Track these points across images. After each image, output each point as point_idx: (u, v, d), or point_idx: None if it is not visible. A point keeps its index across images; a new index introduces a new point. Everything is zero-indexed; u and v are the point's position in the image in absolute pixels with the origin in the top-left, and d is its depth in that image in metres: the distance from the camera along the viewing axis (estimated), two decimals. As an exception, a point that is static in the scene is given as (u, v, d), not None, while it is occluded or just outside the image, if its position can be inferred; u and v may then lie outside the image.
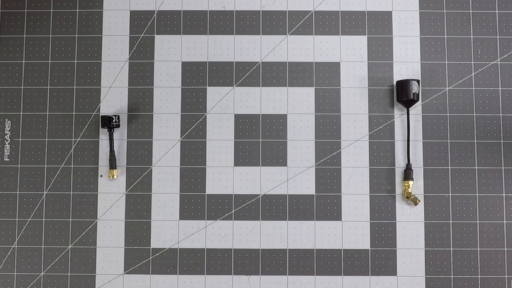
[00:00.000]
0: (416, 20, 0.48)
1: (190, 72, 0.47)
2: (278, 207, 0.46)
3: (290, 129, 0.47)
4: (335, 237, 0.45)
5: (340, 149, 0.46)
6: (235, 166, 0.46)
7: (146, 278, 0.45)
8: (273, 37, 0.48)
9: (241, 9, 0.48)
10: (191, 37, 0.48)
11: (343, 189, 0.46)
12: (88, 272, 0.45)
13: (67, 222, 0.46)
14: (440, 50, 0.47)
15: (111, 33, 0.48)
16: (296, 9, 0.48)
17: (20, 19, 0.48)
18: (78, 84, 0.47)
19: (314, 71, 0.47)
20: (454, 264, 0.44)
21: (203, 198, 0.46)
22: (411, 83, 0.45)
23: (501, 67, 0.47)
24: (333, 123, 0.47)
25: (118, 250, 0.45)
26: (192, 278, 0.45)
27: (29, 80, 0.47)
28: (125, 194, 0.46)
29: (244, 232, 0.46)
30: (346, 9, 0.48)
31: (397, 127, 0.46)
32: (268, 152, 0.46)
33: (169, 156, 0.46)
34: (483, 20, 0.47)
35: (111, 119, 0.45)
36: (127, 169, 0.46)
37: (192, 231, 0.46)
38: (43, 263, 0.45)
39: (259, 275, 0.45)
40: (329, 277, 0.45)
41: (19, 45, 0.47)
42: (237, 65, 0.47)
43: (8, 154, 0.46)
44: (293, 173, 0.46)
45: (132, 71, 0.47)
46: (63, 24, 0.48)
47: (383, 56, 0.47)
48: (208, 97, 0.47)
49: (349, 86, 0.47)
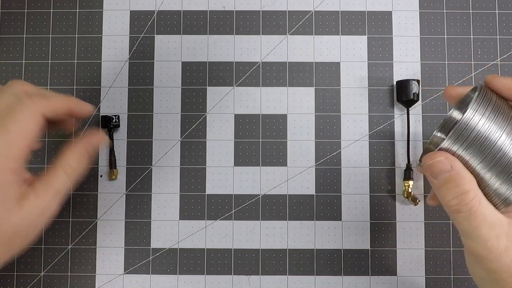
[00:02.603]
0: (416, 20, 0.48)
1: (190, 72, 0.47)
2: (278, 207, 0.46)
3: (290, 129, 0.47)
4: (335, 237, 0.45)
5: (340, 149, 0.46)
6: (235, 166, 0.46)
7: (146, 278, 0.45)
8: (273, 37, 0.48)
9: (241, 9, 0.48)
10: (191, 37, 0.48)
11: (343, 189, 0.46)
12: (88, 272, 0.45)
13: (67, 222, 0.46)
14: (440, 50, 0.47)
15: (111, 33, 0.48)
16: (296, 9, 0.48)
17: (20, 19, 0.48)
18: (78, 84, 0.47)
19: (314, 71, 0.47)
20: (454, 264, 0.44)
21: (203, 198, 0.46)
22: (411, 83, 0.45)
23: (501, 67, 0.47)
24: (333, 123, 0.47)
25: (118, 250, 0.45)
26: (192, 278, 0.45)
27: (29, 80, 0.47)
28: (125, 194, 0.46)
29: (244, 232, 0.46)
30: (346, 9, 0.48)
31: (397, 127, 0.46)
32: (268, 152, 0.46)
33: (169, 156, 0.46)
34: (483, 20, 0.47)
35: (111, 119, 0.45)
36: (127, 169, 0.46)
37: (192, 231, 0.46)
38: (43, 263, 0.45)
39: (259, 275, 0.45)
40: (329, 277, 0.45)
41: (19, 45, 0.47)
42: (237, 65, 0.47)
43: (8, 154, 0.46)
44: (293, 173, 0.46)
45: (132, 71, 0.47)
46: (63, 24, 0.48)
47: (383, 56, 0.47)
48: (208, 97, 0.47)
49: (349, 86, 0.47)
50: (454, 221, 0.29)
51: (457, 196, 0.28)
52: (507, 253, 0.27)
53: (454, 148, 0.28)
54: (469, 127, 0.28)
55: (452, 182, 0.28)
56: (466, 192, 0.28)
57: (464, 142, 0.28)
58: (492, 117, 0.28)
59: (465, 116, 0.27)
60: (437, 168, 0.28)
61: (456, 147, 0.28)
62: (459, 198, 0.28)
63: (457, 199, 0.28)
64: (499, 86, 0.29)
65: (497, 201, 0.29)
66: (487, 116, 0.27)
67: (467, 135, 0.28)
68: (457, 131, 0.28)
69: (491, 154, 0.28)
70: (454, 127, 0.28)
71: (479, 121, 0.27)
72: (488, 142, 0.28)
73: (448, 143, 0.28)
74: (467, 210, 0.28)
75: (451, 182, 0.28)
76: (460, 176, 0.28)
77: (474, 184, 0.28)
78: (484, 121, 0.28)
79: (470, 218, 0.28)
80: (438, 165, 0.28)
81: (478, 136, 0.28)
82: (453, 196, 0.28)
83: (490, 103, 0.28)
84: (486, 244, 0.28)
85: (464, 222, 0.28)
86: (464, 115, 0.27)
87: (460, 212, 0.28)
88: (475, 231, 0.28)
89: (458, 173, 0.28)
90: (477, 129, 0.28)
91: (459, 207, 0.28)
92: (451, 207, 0.29)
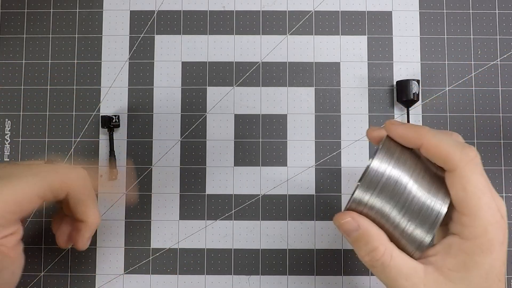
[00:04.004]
0: (416, 20, 0.48)
1: (190, 72, 0.47)
2: (278, 207, 0.46)
3: (290, 129, 0.47)
4: (335, 237, 0.45)
5: (340, 149, 0.46)
6: (235, 166, 0.46)
7: (146, 278, 0.45)
8: (273, 37, 0.48)
9: (241, 9, 0.48)
10: (191, 37, 0.48)
11: (343, 189, 0.46)
12: (88, 272, 0.45)
13: (67, 222, 0.46)
14: (440, 50, 0.47)
15: (111, 33, 0.48)
16: (296, 9, 0.48)
17: (20, 19, 0.48)
18: (78, 84, 0.47)
19: (314, 71, 0.47)
20: (454, 264, 0.44)
21: (203, 198, 0.46)
22: (411, 83, 0.45)
23: (501, 67, 0.47)
24: (333, 123, 0.47)
25: (118, 250, 0.45)
26: (192, 278, 0.45)
27: (29, 80, 0.47)
28: (125, 194, 0.46)
29: (244, 232, 0.46)
30: (346, 9, 0.48)
31: (397, 127, 0.46)
32: (268, 152, 0.46)
33: (169, 156, 0.46)
34: (483, 20, 0.47)
35: (111, 119, 0.45)
36: (127, 169, 0.46)
37: (192, 231, 0.46)
38: (43, 263, 0.45)
39: (259, 275, 0.45)
40: (329, 277, 0.45)
41: (19, 45, 0.47)
42: (237, 65, 0.47)
43: (8, 154, 0.46)
44: (293, 173, 0.46)
45: (132, 71, 0.47)
46: (63, 24, 0.48)
47: (383, 56, 0.47)
48: (208, 97, 0.47)
49: (349, 86, 0.47)
50: (374, 274, 0.30)
51: (367, 253, 0.29)
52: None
53: (366, 196, 0.29)
54: (376, 176, 0.28)
55: (361, 240, 0.29)
56: (375, 248, 0.28)
57: (374, 190, 0.29)
58: (396, 167, 0.29)
59: (371, 166, 0.29)
60: (346, 228, 0.29)
61: (367, 195, 0.29)
62: (370, 254, 0.29)
63: (368, 256, 0.29)
64: (394, 135, 0.30)
65: (412, 248, 0.29)
66: (391, 166, 0.29)
67: (376, 183, 0.29)
68: (366, 180, 0.29)
69: (401, 201, 0.29)
70: (364, 176, 0.29)
71: (385, 172, 0.29)
72: (396, 189, 0.29)
73: (360, 192, 0.29)
74: (380, 265, 0.28)
75: (360, 240, 0.29)
76: (368, 234, 0.29)
77: (383, 239, 0.29)
78: (390, 171, 0.29)
79: (385, 271, 0.28)
80: (346, 226, 0.29)
81: (386, 184, 0.29)
82: (364, 253, 0.29)
83: (392, 155, 0.29)
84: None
85: (381, 275, 0.29)
86: (369, 165, 0.29)
87: (374, 267, 0.29)
88: (393, 283, 0.28)
89: (365, 230, 0.29)
90: (384, 178, 0.29)
91: (372, 262, 0.29)
92: (365, 263, 0.29)
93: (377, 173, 0.29)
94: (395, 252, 0.28)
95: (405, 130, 0.30)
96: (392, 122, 0.30)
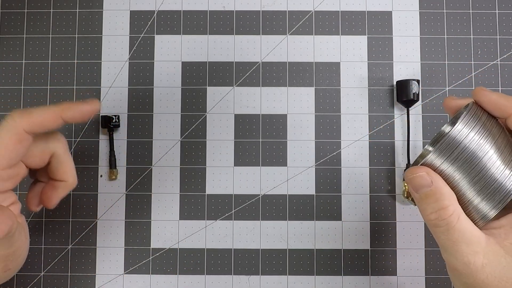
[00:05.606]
0: (416, 20, 0.48)
1: (190, 72, 0.47)
2: (278, 207, 0.46)
3: (290, 129, 0.47)
4: (335, 237, 0.45)
5: (340, 149, 0.46)
6: (235, 166, 0.46)
7: (146, 278, 0.45)
8: (273, 37, 0.48)
9: (241, 9, 0.48)
10: (191, 37, 0.48)
11: (343, 189, 0.46)
12: (88, 272, 0.45)
13: (67, 222, 0.46)
14: (440, 50, 0.47)
15: (111, 33, 0.48)
16: (296, 9, 0.48)
17: (20, 19, 0.48)
18: (78, 84, 0.47)
19: (314, 71, 0.47)
20: (454, 264, 0.44)
21: (203, 198, 0.46)
22: (411, 83, 0.45)
23: (501, 67, 0.47)
24: (333, 123, 0.47)
25: (118, 250, 0.45)
26: (192, 278, 0.45)
27: (29, 80, 0.47)
28: (125, 194, 0.46)
29: (244, 232, 0.46)
30: (346, 9, 0.48)
31: (397, 127, 0.46)
32: (268, 152, 0.46)
33: (169, 156, 0.46)
34: (483, 20, 0.47)
35: (111, 119, 0.45)
36: (127, 169, 0.46)
37: (192, 231, 0.46)
38: (43, 263, 0.45)
39: (259, 275, 0.45)
40: (329, 277, 0.45)
41: (19, 45, 0.47)
42: (237, 65, 0.47)
43: (8, 154, 0.46)
44: (293, 173, 0.46)
45: (132, 71, 0.47)
46: (63, 24, 0.48)
47: (383, 56, 0.47)
48: (208, 97, 0.47)
49: (349, 86, 0.47)
50: (434, 235, 0.30)
51: (435, 210, 0.28)
52: (483, 269, 0.28)
53: (439, 161, 0.28)
54: (455, 141, 0.27)
55: (431, 197, 0.28)
56: (445, 207, 0.28)
57: (449, 156, 0.28)
58: (480, 135, 0.28)
59: (453, 130, 0.28)
60: (418, 182, 0.28)
61: (441, 160, 0.28)
62: (438, 213, 0.28)
63: (435, 214, 0.28)
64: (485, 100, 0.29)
65: (476, 217, 0.29)
66: (474, 133, 0.28)
67: (453, 149, 0.28)
68: (443, 145, 0.28)
69: (474, 171, 0.28)
70: (441, 140, 0.28)
71: (466, 137, 0.28)
72: (473, 158, 0.28)
73: (434, 156, 0.28)
74: (445, 225, 0.28)
75: (430, 197, 0.28)
76: (440, 192, 0.28)
77: (453, 200, 0.28)
78: (472, 137, 0.28)
79: (448, 233, 0.28)
80: (419, 180, 0.28)
81: (464, 152, 0.28)
82: (432, 210, 0.28)
83: (479, 121, 0.28)
84: (463, 259, 0.28)
85: (442, 236, 0.29)
86: (452, 129, 0.28)
87: (438, 227, 0.28)
88: (453, 246, 0.28)
89: (438, 188, 0.28)
90: (464, 144, 0.27)
91: (438, 221, 0.28)
92: (430, 221, 0.29)
93: (459, 136, 0.27)
94: (462, 215, 0.28)
95: (497, 97, 0.28)
96: (483, 88, 0.30)
